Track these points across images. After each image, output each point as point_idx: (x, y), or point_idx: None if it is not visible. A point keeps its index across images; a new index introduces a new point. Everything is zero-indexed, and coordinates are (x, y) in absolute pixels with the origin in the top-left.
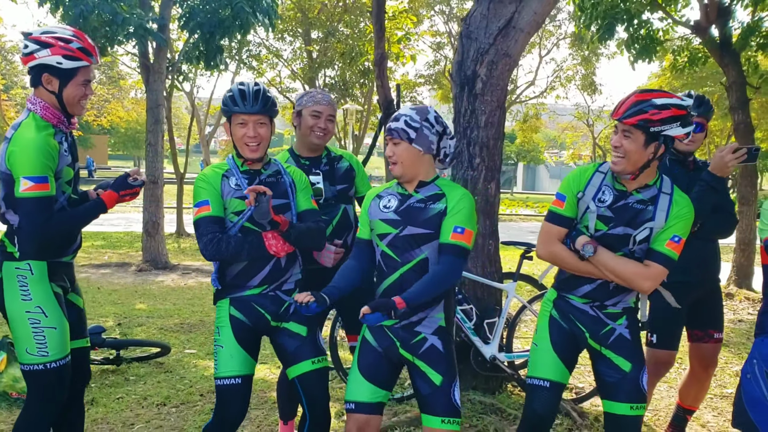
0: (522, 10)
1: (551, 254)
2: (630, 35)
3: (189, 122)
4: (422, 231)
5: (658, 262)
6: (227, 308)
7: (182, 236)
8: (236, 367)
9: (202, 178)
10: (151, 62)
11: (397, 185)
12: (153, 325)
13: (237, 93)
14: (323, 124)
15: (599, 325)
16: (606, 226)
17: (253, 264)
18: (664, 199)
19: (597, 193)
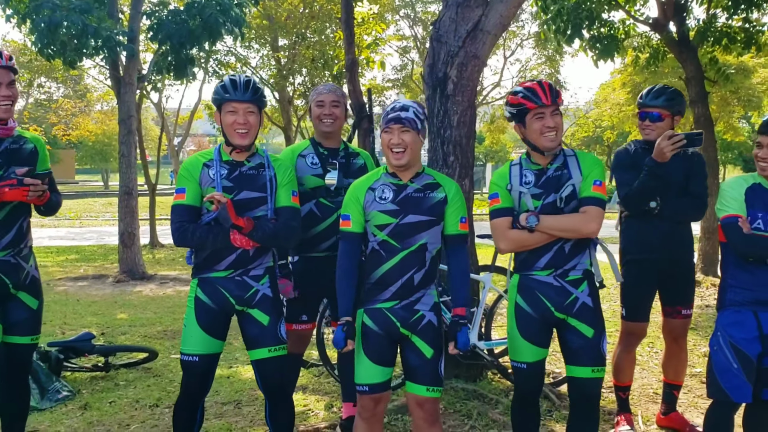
0: (488, 14)
1: (511, 240)
2: (592, 35)
3: (159, 133)
4: (425, 218)
5: (591, 204)
6: (195, 289)
7: (156, 247)
8: (195, 347)
9: (184, 166)
10: (122, 74)
11: (388, 176)
12: (136, 333)
13: (229, 82)
14: (328, 110)
15: (563, 295)
16: (539, 201)
17: (220, 249)
18: (572, 160)
19: (521, 179)
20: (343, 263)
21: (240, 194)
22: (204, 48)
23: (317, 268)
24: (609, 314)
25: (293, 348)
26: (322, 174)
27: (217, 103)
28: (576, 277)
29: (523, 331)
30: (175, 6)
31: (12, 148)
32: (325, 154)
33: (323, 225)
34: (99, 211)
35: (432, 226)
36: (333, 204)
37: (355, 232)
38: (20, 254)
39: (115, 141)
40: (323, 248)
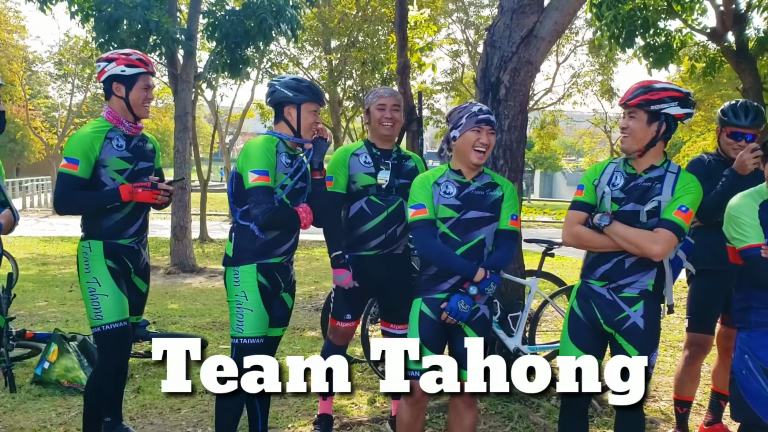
0: (543, 20)
1: (573, 235)
2: (647, 43)
3: (212, 131)
4: (485, 215)
5: (665, 227)
6: (254, 274)
7: (206, 242)
8: (263, 329)
9: (260, 148)
10: (179, 72)
11: (452, 173)
12: (186, 324)
13: (312, 85)
14: (389, 113)
15: (615, 310)
16: (618, 205)
17: (284, 234)
18: (670, 177)
19: (610, 179)
20: (432, 243)
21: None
22: (259, 48)
23: (365, 267)
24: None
25: (337, 341)
26: (374, 173)
27: (299, 101)
28: (631, 295)
29: (573, 335)
30: (232, 6)
31: (139, 145)
32: (377, 155)
33: (373, 222)
34: None
35: (491, 222)
36: (383, 202)
37: (432, 218)
38: (141, 242)
39: (168, 137)
40: (372, 246)
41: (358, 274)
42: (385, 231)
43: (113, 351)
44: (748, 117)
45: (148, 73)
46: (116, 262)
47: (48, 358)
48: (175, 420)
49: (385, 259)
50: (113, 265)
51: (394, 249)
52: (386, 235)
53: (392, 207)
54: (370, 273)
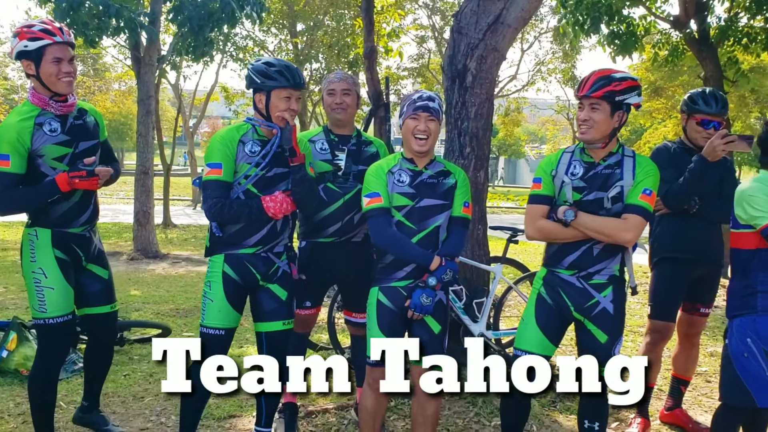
0: (510, 7)
1: (538, 230)
2: (611, 30)
3: (176, 114)
4: (439, 202)
5: (634, 213)
6: (221, 264)
7: (169, 227)
8: (222, 321)
9: (219, 140)
10: (142, 54)
11: (405, 161)
12: (149, 311)
13: (284, 69)
14: (339, 98)
15: (585, 297)
16: (580, 195)
17: (251, 225)
18: (628, 161)
19: (568, 169)
20: (388, 232)
21: (272, 170)
22: (223, 31)
23: (323, 254)
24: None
25: (297, 328)
26: (331, 159)
27: (268, 87)
28: (600, 281)
29: (540, 317)
30: None
31: (77, 123)
32: (335, 141)
33: (330, 209)
34: (113, 189)
35: (445, 209)
36: (340, 189)
37: (386, 207)
38: (92, 229)
39: (131, 120)
40: (329, 233)
41: (317, 261)
42: (341, 218)
43: (55, 345)
44: (718, 104)
45: (56, 44)
46: (65, 251)
47: (6, 346)
48: (138, 408)
49: (343, 247)
50: (62, 255)
51: (352, 236)
52: (343, 222)
53: (349, 194)
54: (328, 261)
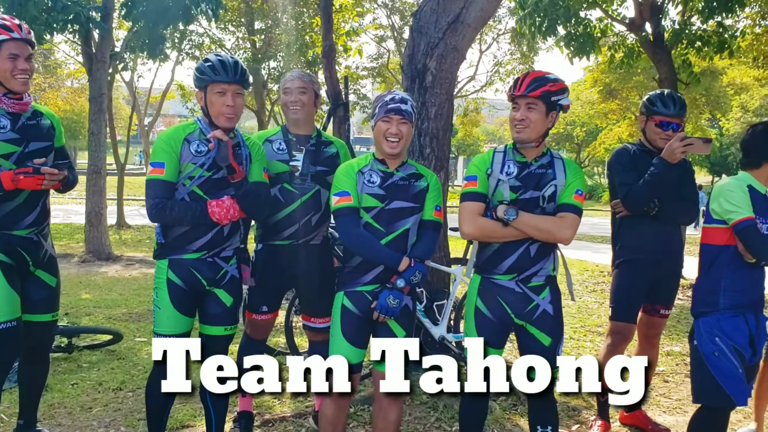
0: (470, 6)
1: (477, 228)
2: (568, 32)
3: (130, 112)
4: (410, 205)
5: (570, 212)
6: (165, 270)
7: (123, 228)
8: (172, 328)
9: (163, 139)
10: (94, 51)
11: (377, 162)
12: (100, 315)
13: (217, 63)
14: (294, 97)
15: (525, 302)
16: (516, 194)
17: (195, 229)
18: (558, 162)
19: (503, 168)
20: (356, 232)
21: (219, 172)
22: (178, 28)
23: (279, 257)
24: (587, 314)
25: (254, 334)
26: (287, 160)
27: (203, 83)
28: (538, 283)
29: (481, 333)
30: None
31: (29, 124)
32: (292, 141)
33: (286, 211)
34: None
35: (414, 213)
36: (297, 190)
37: (356, 206)
38: (42, 232)
39: (84, 119)
40: (286, 235)
41: (273, 264)
42: (299, 220)
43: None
44: (676, 106)
45: (13, 40)
46: (10, 255)
47: None
48: (85, 420)
49: (300, 250)
50: (6, 259)
51: (310, 239)
52: (300, 224)
53: (307, 195)
54: (285, 264)
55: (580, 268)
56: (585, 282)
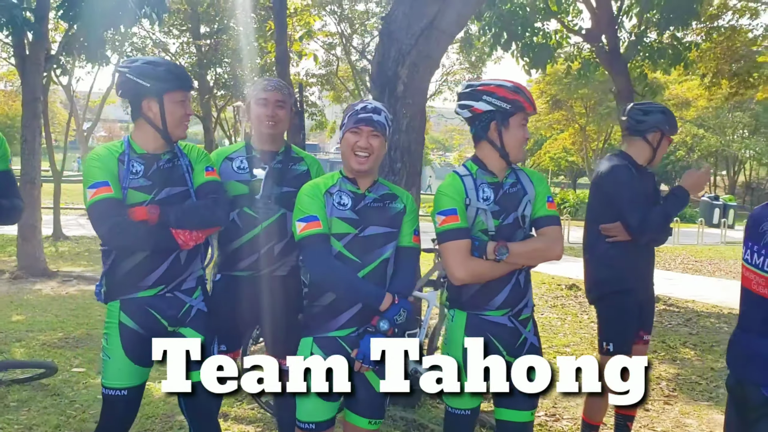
0: (445, 11)
1: (470, 272)
2: (524, 43)
3: (68, 117)
4: (386, 230)
5: (551, 224)
6: (117, 313)
7: (60, 239)
8: (122, 379)
9: (96, 158)
10: (27, 53)
11: (346, 181)
12: (34, 340)
13: (173, 69)
14: (271, 111)
15: (515, 337)
16: (498, 220)
17: (148, 260)
18: (522, 174)
19: (478, 194)
20: (329, 263)
21: (161, 193)
22: (119, 30)
23: (238, 289)
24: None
25: None
26: (249, 180)
27: (158, 91)
28: (526, 315)
29: None
30: None
31: None
32: (256, 158)
33: (246, 238)
34: None
35: (391, 239)
36: (257, 214)
37: (326, 233)
38: None
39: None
40: (244, 266)
41: (230, 298)
42: (259, 249)
43: None
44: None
45: None
46: None
47: None
48: None
49: (262, 282)
50: None
51: (274, 270)
52: (261, 253)
53: (270, 220)
54: (244, 297)
55: (536, 280)
56: (544, 296)
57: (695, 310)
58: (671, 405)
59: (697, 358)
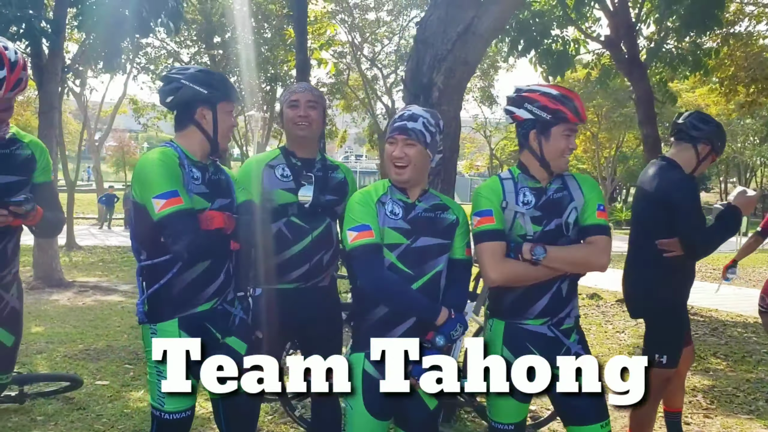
0: (482, 15)
1: (506, 274)
2: (543, 49)
3: (79, 127)
4: (439, 241)
5: (600, 233)
6: (176, 333)
7: (73, 249)
8: (185, 400)
9: (159, 164)
10: (45, 63)
11: (395, 190)
12: (55, 352)
13: (224, 80)
14: (303, 111)
15: (556, 347)
16: (539, 226)
17: (208, 271)
18: (570, 179)
19: (517, 197)
20: (383, 275)
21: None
22: (135, 40)
23: (284, 303)
24: None
25: None
26: (295, 188)
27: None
28: (569, 325)
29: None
30: None
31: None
32: (298, 165)
33: (295, 249)
34: None
35: (444, 251)
36: (307, 224)
37: (379, 243)
38: (1, 282)
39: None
40: (293, 278)
41: (276, 312)
42: (309, 259)
43: None
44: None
45: None
46: None
47: None
48: None
49: (307, 294)
50: None
51: (319, 281)
52: (311, 264)
53: (318, 230)
54: (290, 311)
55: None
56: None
57: (719, 319)
58: (711, 418)
59: (729, 369)
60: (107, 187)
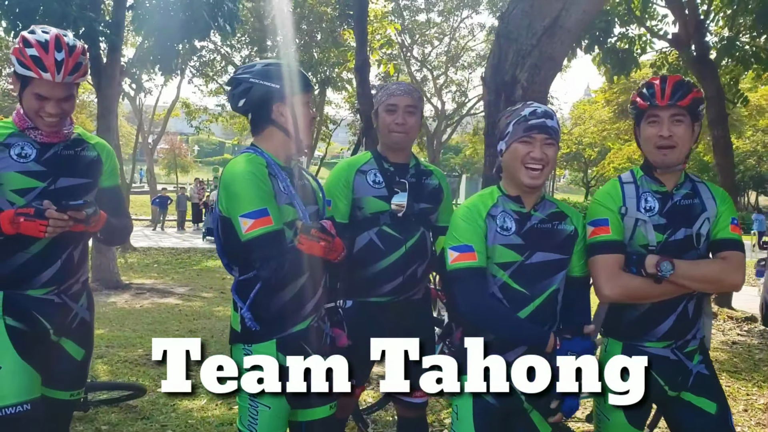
0: (570, 8)
1: (622, 289)
2: (608, 48)
3: (133, 130)
4: (556, 256)
5: (734, 249)
6: (274, 355)
7: (128, 251)
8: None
9: (252, 177)
10: (103, 66)
11: (508, 200)
12: (116, 357)
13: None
14: (401, 118)
15: (679, 370)
16: (663, 235)
17: (306, 288)
18: (702, 187)
19: (639, 203)
20: (485, 302)
21: None
22: (192, 43)
23: (376, 317)
24: None
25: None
26: (388, 196)
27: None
28: (693, 348)
29: (630, 414)
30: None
31: (63, 154)
32: (391, 171)
33: (388, 260)
34: None
35: (562, 267)
36: (400, 234)
37: (483, 267)
38: (68, 292)
39: None
40: (386, 291)
41: (366, 327)
42: (403, 272)
43: None
44: None
45: (44, 81)
46: (21, 319)
47: None
48: None
49: (401, 308)
50: (16, 324)
51: (412, 294)
52: (405, 276)
53: (412, 240)
54: (382, 325)
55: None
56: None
57: None
58: None
59: None
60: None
